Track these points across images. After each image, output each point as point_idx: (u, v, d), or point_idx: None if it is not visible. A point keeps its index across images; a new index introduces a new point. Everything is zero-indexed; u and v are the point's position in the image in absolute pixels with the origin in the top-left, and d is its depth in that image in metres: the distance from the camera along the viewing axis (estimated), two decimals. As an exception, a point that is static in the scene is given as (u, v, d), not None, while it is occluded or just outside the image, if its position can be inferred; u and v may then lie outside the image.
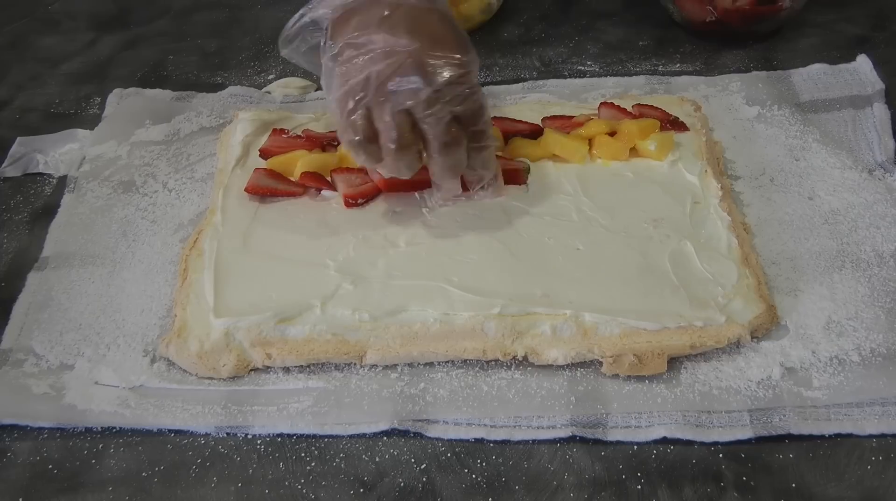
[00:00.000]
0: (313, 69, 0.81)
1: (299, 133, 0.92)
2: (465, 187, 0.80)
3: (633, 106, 0.92)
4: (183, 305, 0.77)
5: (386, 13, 0.72)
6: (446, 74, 0.70)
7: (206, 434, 0.70)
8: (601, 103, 0.93)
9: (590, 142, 0.87)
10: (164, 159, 0.95)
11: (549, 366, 0.72)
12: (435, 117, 0.71)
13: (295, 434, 0.70)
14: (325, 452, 0.69)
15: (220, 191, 0.86)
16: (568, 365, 0.72)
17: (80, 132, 1.00)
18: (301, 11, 0.78)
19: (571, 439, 0.68)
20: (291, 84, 1.07)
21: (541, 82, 1.03)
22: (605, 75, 1.05)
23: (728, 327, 0.72)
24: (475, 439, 0.69)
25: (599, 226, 0.80)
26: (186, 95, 1.05)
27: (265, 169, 0.87)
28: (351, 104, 0.72)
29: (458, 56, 0.71)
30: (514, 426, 0.69)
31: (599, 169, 0.86)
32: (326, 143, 0.90)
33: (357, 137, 0.73)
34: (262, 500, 0.66)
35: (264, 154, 0.89)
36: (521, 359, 0.73)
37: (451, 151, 0.74)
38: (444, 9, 0.75)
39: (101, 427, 0.71)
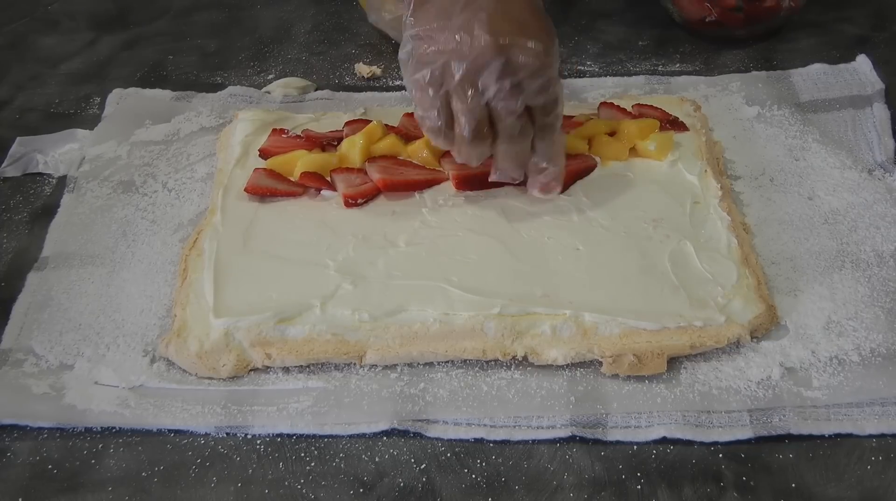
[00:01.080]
0: (396, 37, 0.79)
1: (299, 133, 0.92)
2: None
3: (632, 106, 0.92)
4: (183, 305, 0.76)
5: None
6: (529, 65, 0.70)
7: (206, 434, 0.70)
8: (601, 103, 0.93)
9: (589, 142, 0.87)
10: (163, 159, 0.95)
11: (549, 366, 0.72)
12: (507, 108, 0.71)
13: (295, 434, 0.70)
14: (324, 452, 0.69)
15: (220, 191, 0.86)
16: (568, 365, 0.72)
17: (80, 132, 1.00)
18: None
19: (571, 439, 0.68)
20: (291, 84, 1.07)
21: (541, 82, 1.03)
22: (605, 75, 1.05)
23: (728, 327, 0.72)
24: (475, 439, 0.69)
25: (599, 226, 0.80)
26: (186, 95, 1.05)
27: (265, 169, 0.87)
28: (431, 91, 0.72)
29: (541, 45, 0.71)
30: (514, 426, 0.69)
31: (599, 169, 0.86)
32: (326, 143, 0.90)
33: (439, 124, 0.74)
34: (262, 500, 0.66)
35: (264, 154, 0.89)
36: (520, 359, 0.73)
37: (518, 141, 0.74)
38: None
39: (101, 427, 0.71)
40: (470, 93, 0.71)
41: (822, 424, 0.67)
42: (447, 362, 0.73)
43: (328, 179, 0.86)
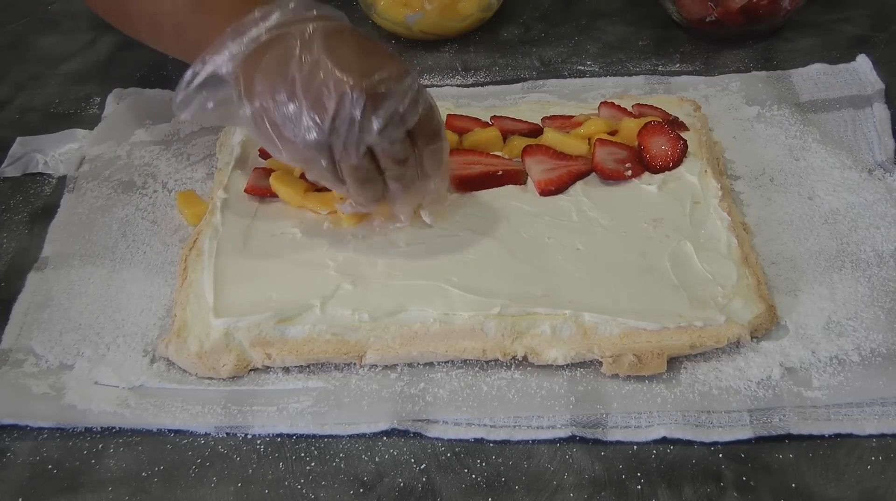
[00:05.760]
0: (226, 123, 0.83)
1: (299, 133, 0.92)
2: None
3: (633, 106, 0.92)
4: (182, 305, 0.76)
5: (299, 46, 0.67)
6: (393, 91, 0.66)
7: (206, 434, 0.70)
8: (601, 103, 0.93)
9: (589, 141, 0.87)
10: (163, 159, 0.95)
11: (549, 366, 0.72)
12: (390, 139, 0.69)
13: (295, 434, 0.70)
14: (324, 452, 0.69)
15: (220, 191, 0.86)
16: (568, 365, 0.72)
17: (80, 132, 1.00)
18: (192, 70, 0.71)
19: (571, 439, 0.68)
20: (291, 84, 1.06)
21: (540, 82, 1.03)
22: (605, 75, 1.05)
23: (728, 327, 0.72)
24: (475, 439, 0.69)
25: (599, 226, 0.80)
26: (186, 95, 1.05)
27: (265, 169, 0.87)
28: (313, 154, 0.69)
29: (394, 66, 0.67)
30: (514, 426, 0.69)
31: (599, 169, 0.86)
32: (326, 143, 0.90)
33: (336, 183, 0.72)
34: (261, 500, 0.66)
35: (264, 154, 0.89)
36: (520, 359, 0.73)
37: (404, 167, 0.72)
38: (347, 23, 0.71)
39: (101, 427, 0.71)
40: (353, 141, 0.67)
41: (822, 424, 0.67)
42: (447, 362, 0.73)
43: (328, 179, 0.85)
